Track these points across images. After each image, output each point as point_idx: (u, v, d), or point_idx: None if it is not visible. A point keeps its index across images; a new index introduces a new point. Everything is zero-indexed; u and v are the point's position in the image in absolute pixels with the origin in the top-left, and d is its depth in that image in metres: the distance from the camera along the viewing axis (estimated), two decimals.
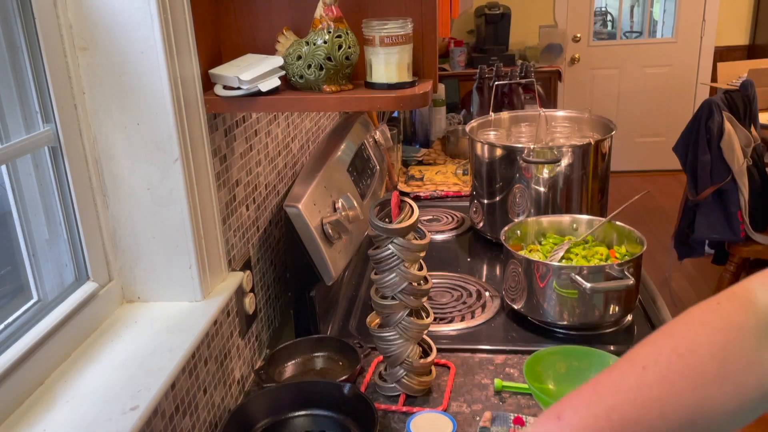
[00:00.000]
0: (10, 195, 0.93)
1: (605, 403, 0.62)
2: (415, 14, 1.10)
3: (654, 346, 0.64)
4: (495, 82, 2.43)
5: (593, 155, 1.74)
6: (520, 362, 1.31)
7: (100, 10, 0.94)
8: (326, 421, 1.14)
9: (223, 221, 1.18)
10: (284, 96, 1.07)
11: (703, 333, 0.63)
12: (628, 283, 1.33)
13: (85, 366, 0.93)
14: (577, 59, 5.29)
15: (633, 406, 0.61)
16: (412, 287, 1.16)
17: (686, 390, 0.61)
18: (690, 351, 0.62)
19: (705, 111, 3.20)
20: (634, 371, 0.63)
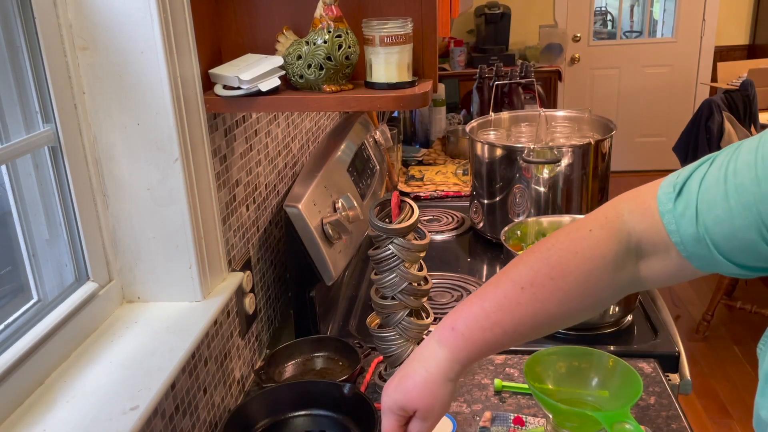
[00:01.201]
0: (10, 195, 0.93)
1: (490, 318, 0.78)
2: (415, 14, 1.10)
3: (531, 269, 0.77)
4: (495, 82, 2.43)
5: (593, 155, 1.74)
6: (520, 362, 1.31)
7: (100, 10, 0.94)
8: (326, 421, 1.14)
9: (223, 221, 1.18)
10: (284, 96, 1.07)
11: (573, 261, 0.75)
12: None
13: (85, 366, 0.93)
14: (577, 59, 5.29)
15: (512, 320, 0.78)
16: (412, 287, 1.16)
17: (554, 306, 0.77)
18: (561, 276, 0.75)
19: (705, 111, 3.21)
20: (514, 291, 0.77)
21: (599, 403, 1.01)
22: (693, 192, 0.69)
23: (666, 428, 1.12)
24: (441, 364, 0.80)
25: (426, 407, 0.81)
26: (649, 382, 1.23)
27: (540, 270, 0.77)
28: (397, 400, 0.81)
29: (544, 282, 0.76)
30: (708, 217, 0.67)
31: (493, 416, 1.15)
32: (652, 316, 1.46)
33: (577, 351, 1.05)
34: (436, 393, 0.80)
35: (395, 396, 0.82)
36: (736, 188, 0.65)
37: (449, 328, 0.80)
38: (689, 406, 2.81)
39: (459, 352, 0.79)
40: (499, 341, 0.80)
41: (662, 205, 0.71)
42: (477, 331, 0.79)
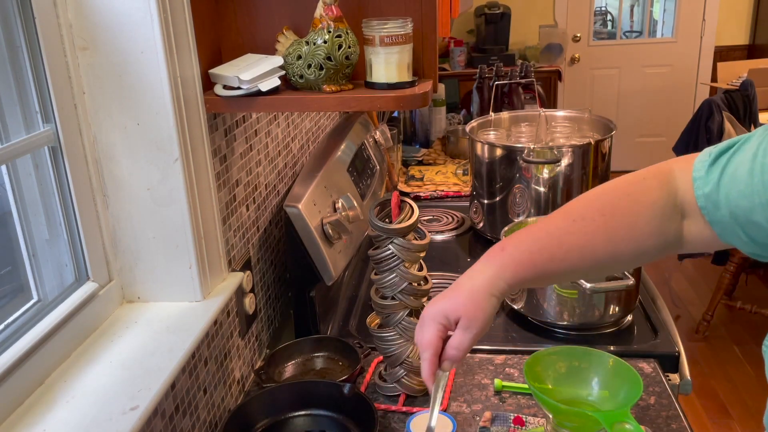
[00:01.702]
0: (10, 195, 0.93)
1: (539, 242, 0.82)
2: (415, 14, 1.10)
3: (584, 205, 0.82)
4: (495, 82, 2.43)
5: (593, 155, 1.74)
6: (520, 362, 1.31)
7: (100, 9, 0.94)
8: (326, 421, 1.14)
9: (223, 221, 1.18)
10: (284, 96, 1.07)
11: (625, 202, 0.80)
12: (628, 283, 1.33)
13: (85, 366, 0.93)
14: (577, 59, 5.29)
15: (560, 248, 0.81)
16: (412, 287, 1.16)
17: (601, 242, 0.80)
18: (610, 214, 0.80)
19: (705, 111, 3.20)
20: (566, 222, 0.82)
21: (599, 403, 1.01)
22: (723, 163, 0.74)
23: (666, 428, 1.12)
24: (487, 279, 0.83)
25: (469, 316, 0.82)
26: (649, 382, 1.23)
27: (592, 206, 0.82)
28: (441, 308, 0.83)
29: (594, 217, 0.80)
30: (732, 189, 0.72)
31: (493, 416, 1.15)
32: (652, 316, 1.46)
33: (577, 351, 1.05)
34: (480, 304, 0.82)
35: (440, 304, 0.84)
36: (762, 167, 0.68)
37: (499, 248, 0.85)
38: (689, 406, 2.81)
39: (505, 270, 0.83)
40: (545, 268, 0.83)
41: (696, 171, 0.77)
42: (525, 252, 0.83)
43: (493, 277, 0.83)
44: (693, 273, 4.01)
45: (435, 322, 0.83)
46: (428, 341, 0.83)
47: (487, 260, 0.85)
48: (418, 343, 0.86)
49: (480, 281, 0.83)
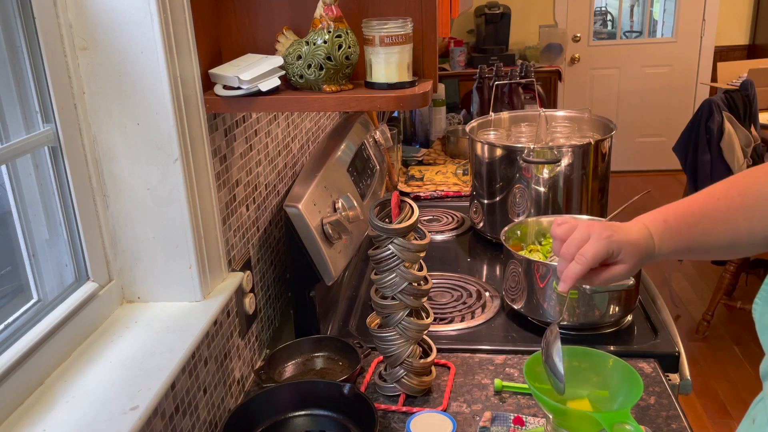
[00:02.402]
0: (10, 195, 0.93)
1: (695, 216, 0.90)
2: (415, 14, 1.10)
3: (727, 185, 0.91)
4: (495, 82, 2.43)
5: (593, 155, 1.74)
6: (520, 362, 1.31)
7: (100, 9, 0.94)
8: (326, 421, 1.14)
9: (223, 221, 1.18)
10: (284, 96, 1.07)
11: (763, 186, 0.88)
12: (628, 283, 1.33)
13: (85, 366, 0.93)
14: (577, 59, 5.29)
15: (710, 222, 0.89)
16: (412, 287, 1.16)
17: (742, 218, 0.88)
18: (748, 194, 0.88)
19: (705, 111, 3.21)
20: (711, 200, 0.90)
21: (599, 403, 1.01)
22: None
23: (666, 428, 1.12)
24: (651, 247, 0.90)
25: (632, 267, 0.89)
26: (649, 382, 1.23)
27: (733, 186, 0.90)
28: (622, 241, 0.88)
29: (734, 196, 0.89)
30: None
31: (493, 416, 1.15)
32: (652, 316, 1.46)
33: (577, 351, 1.05)
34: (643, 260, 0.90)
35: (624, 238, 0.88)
36: None
37: (662, 220, 0.91)
38: (689, 406, 2.81)
39: (664, 243, 0.90)
40: (696, 242, 0.91)
41: None
42: (683, 226, 0.90)
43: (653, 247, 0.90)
44: (693, 273, 4.01)
45: (612, 246, 0.87)
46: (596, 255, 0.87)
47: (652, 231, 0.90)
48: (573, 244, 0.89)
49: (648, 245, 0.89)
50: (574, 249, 0.89)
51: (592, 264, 0.87)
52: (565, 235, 0.91)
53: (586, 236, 0.89)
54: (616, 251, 0.88)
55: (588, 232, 0.89)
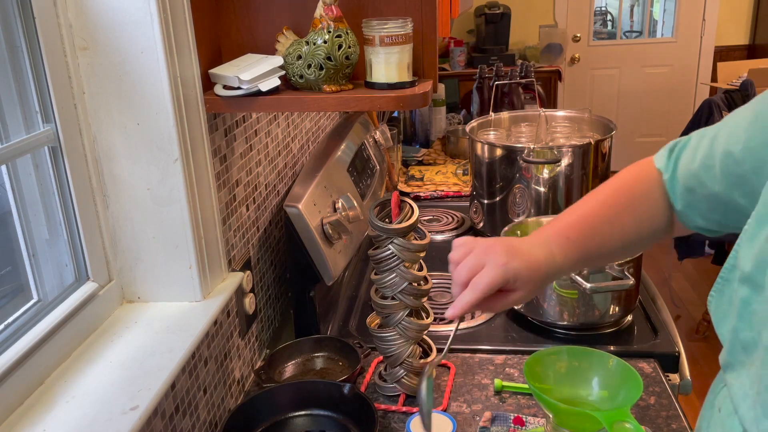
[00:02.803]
0: (10, 195, 0.93)
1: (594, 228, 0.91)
2: (415, 14, 1.10)
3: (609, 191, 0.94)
4: (495, 82, 2.43)
5: (593, 155, 1.74)
6: (520, 362, 1.31)
7: (100, 9, 0.94)
8: (326, 421, 1.14)
9: (223, 221, 1.18)
10: (284, 96, 1.07)
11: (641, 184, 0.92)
12: (628, 283, 1.33)
13: (85, 366, 0.93)
14: (577, 59, 5.29)
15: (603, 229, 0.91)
16: (412, 287, 1.16)
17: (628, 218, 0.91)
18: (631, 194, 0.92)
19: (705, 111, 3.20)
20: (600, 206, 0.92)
21: (599, 403, 1.01)
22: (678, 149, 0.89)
23: (666, 428, 1.12)
24: (554, 265, 0.88)
25: (529, 293, 0.87)
26: (649, 382, 1.23)
27: (617, 190, 0.93)
28: (518, 269, 0.84)
29: (620, 200, 0.92)
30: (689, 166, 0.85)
31: (493, 416, 1.15)
32: (652, 316, 1.46)
33: (577, 351, 1.05)
34: (539, 289, 0.89)
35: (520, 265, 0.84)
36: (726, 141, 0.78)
37: (564, 237, 0.90)
38: (689, 406, 2.81)
39: (568, 259, 0.89)
40: (595, 251, 0.91)
41: (657, 161, 0.91)
42: (583, 238, 0.90)
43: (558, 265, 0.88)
44: (693, 273, 4.01)
45: (507, 273, 0.83)
46: (491, 284, 0.83)
47: (555, 247, 0.89)
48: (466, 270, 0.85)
49: (551, 265, 0.87)
50: (466, 275, 0.84)
51: (486, 293, 0.83)
52: (459, 259, 0.86)
53: (481, 263, 0.84)
54: (512, 279, 0.83)
55: (484, 257, 0.84)
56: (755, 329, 0.68)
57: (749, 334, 0.68)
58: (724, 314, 0.74)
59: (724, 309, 0.74)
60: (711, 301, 0.78)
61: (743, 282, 0.70)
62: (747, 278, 0.69)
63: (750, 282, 0.69)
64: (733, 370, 0.72)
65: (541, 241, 0.89)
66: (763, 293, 0.67)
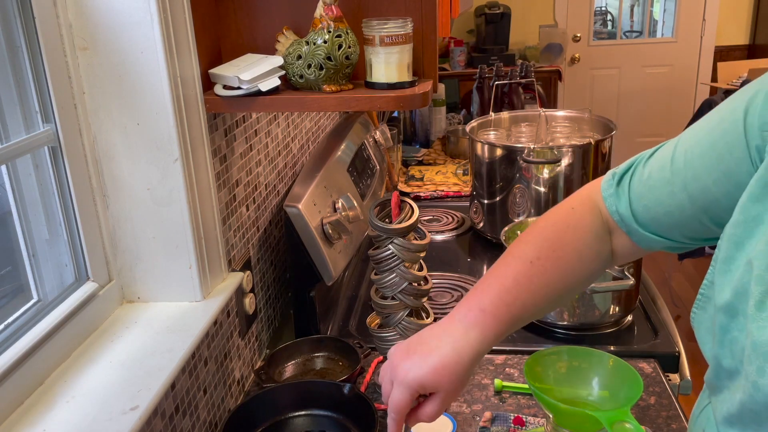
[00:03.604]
0: (10, 195, 0.93)
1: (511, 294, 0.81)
2: (415, 14, 1.10)
3: (534, 246, 0.84)
4: (495, 82, 2.43)
5: (593, 155, 1.74)
6: (520, 362, 1.31)
7: (100, 9, 0.94)
8: (326, 421, 1.14)
9: (223, 221, 1.18)
10: (284, 96, 1.07)
11: (567, 234, 0.84)
12: (628, 283, 1.33)
13: (85, 366, 0.93)
14: (577, 59, 5.29)
15: (528, 293, 0.82)
16: (412, 287, 1.16)
17: (558, 276, 0.83)
18: (560, 248, 0.83)
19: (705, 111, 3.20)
20: (524, 266, 0.83)
21: (599, 403, 1.01)
22: (629, 178, 0.82)
23: (666, 428, 1.12)
24: (474, 347, 0.80)
25: (452, 389, 0.80)
26: (649, 382, 1.23)
27: (542, 245, 0.84)
28: (420, 378, 0.79)
29: (548, 255, 0.83)
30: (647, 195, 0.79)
31: (493, 416, 1.15)
32: (652, 316, 1.46)
33: (577, 351, 1.05)
34: (463, 376, 0.80)
35: (420, 373, 0.79)
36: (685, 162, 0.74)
37: (477, 309, 0.81)
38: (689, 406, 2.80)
39: (489, 331, 0.81)
40: (520, 317, 0.83)
41: (604, 191, 0.84)
42: (503, 307, 0.81)
43: (477, 342, 0.80)
44: (693, 273, 4.01)
45: (411, 389, 0.80)
46: (400, 406, 0.81)
47: (468, 324, 0.81)
48: (387, 401, 0.83)
49: (467, 350, 0.80)
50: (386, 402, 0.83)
51: (402, 415, 0.81)
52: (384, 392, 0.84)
53: (389, 385, 0.82)
54: (422, 390, 0.80)
55: (391, 377, 0.82)
56: (736, 358, 0.64)
57: (731, 362, 0.65)
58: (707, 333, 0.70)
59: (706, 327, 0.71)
60: (693, 317, 0.74)
61: (720, 310, 0.65)
62: (725, 307, 0.65)
63: (729, 310, 0.64)
64: (719, 392, 0.68)
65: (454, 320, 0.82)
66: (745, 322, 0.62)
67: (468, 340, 0.80)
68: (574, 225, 0.84)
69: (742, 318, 0.63)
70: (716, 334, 0.66)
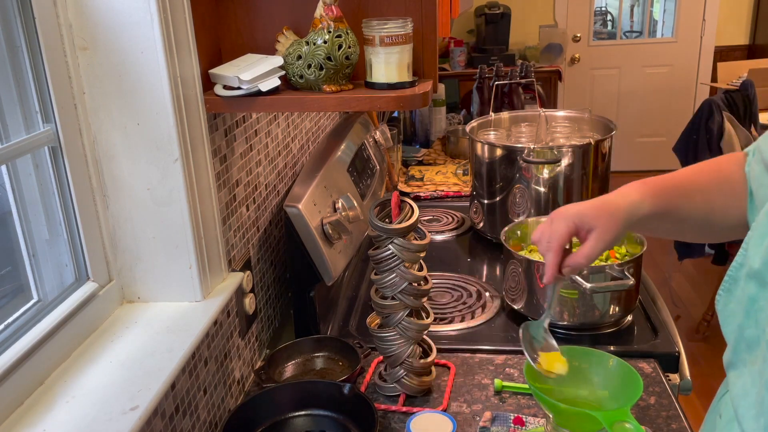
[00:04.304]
0: (10, 195, 0.93)
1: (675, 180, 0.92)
2: (415, 14, 1.10)
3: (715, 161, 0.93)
4: (495, 82, 2.43)
5: (593, 155, 1.74)
6: (520, 362, 1.31)
7: (100, 9, 0.94)
8: (326, 421, 1.14)
9: (223, 221, 1.18)
10: (284, 96, 1.07)
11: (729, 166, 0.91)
12: (629, 283, 1.33)
13: (85, 366, 0.93)
14: (577, 59, 5.29)
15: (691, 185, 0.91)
16: (412, 287, 1.16)
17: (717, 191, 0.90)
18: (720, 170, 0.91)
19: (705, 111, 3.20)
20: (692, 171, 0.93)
21: (599, 403, 1.01)
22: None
23: (666, 428, 1.12)
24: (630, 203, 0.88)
25: (607, 228, 0.87)
26: (649, 382, 1.23)
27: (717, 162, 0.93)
28: (580, 211, 0.87)
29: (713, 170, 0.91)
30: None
31: (493, 416, 1.15)
32: (652, 316, 1.46)
33: (577, 351, 1.05)
34: (619, 222, 0.88)
35: (579, 207, 0.88)
36: None
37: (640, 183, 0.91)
38: (689, 406, 2.81)
39: (646, 198, 0.89)
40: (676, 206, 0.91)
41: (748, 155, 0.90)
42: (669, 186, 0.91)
43: (636, 201, 0.89)
44: (693, 273, 4.01)
45: (569, 221, 0.87)
46: (560, 236, 0.88)
47: (629, 189, 0.90)
48: (543, 237, 0.90)
49: (625, 201, 0.88)
50: (544, 244, 0.90)
51: (560, 244, 0.88)
52: (537, 237, 0.93)
53: (550, 225, 0.91)
54: (579, 223, 0.88)
55: (552, 218, 0.91)
56: (760, 326, 0.67)
57: (754, 332, 0.68)
58: (732, 313, 0.74)
59: (731, 308, 0.74)
60: (719, 299, 0.77)
61: (751, 278, 0.70)
62: (755, 275, 0.69)
63: (758, 279, 0.68)
64: (735, 368, 0.72)
65: (624, 190, 0.91)
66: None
67: (628, 198, 0.89)
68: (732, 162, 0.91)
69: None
70: (744, 305, 0.70)
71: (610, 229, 0.87)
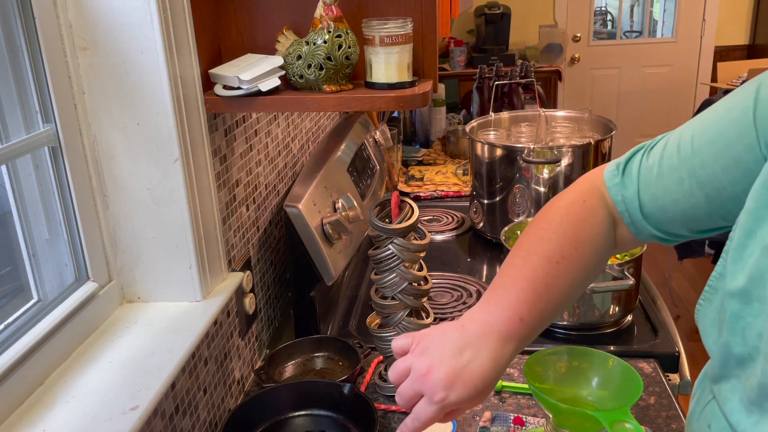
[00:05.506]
0: (10, 195, 0.93)
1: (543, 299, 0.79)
2: (415, 14, 1.10)
3: (557, 243, 0.81)
4: (495, 82, 2.43)
5: (593, 155, 1.74)
6: (520, 362, 1.31)
7: (100, 9, 0.94)
8: (326, 421, 1.14)
9: (223, 221, 1.18)
10: (284, 96, 1.07)
11: (587, 231, 0.82)
12: (628, 283, 1.33)
13: (85, 366, 0.93)
14: (577, 59, 5.29)
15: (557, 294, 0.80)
16: (412, 287, 1.16)
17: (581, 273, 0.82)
18: (581, 246, 0.82)
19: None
20: (551, 266, 0.80)
21: (599, 403, 1.01)
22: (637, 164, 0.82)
23: (666, 428, 1.12)
24: (508, 359, 0.78)
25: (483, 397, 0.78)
26: (649, 382, 1.23)
27: (564, 243, 0.81)
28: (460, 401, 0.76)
29: (571, 253, 0.81)
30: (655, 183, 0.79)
31: (493, 416, 1.15)
32: (652, 316, 1.46)
33: (577, 351, 1.05)
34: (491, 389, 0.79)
35: (462, 397, 0.75)
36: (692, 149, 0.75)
37: (517, 319, 0.78)
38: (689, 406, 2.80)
39: (523, 341, 0.79)
40: (548, 320, 0.82)
41: (608, 180, 0.84)
42: (537, 315, 0.79)
43: (512, 355, 0.79)
44: (693, 273, 4.01)
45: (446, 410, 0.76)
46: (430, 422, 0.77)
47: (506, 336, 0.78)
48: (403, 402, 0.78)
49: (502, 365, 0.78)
50: (406, 403, 0.78)
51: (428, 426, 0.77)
52: (397, 380, 0.79)
53: (419, 392, 0.76)
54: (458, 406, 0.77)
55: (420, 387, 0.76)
56: (749, 344, 0.64)
57: (743, 349, 0.65)
58: (712, 324, 0.71)
59: (711, 319, 0.71)
60: (699, 310, 0.74)
61: (733, 296, 0.66)
62: (738, 293, 0.65)
63: (743, 296, 0.65)
64: (726, 382, 0.69)
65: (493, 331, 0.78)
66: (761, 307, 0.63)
67: (505, 353, 0.78)
68: (591, 220, 0.83)
69: (758, 303, 0.63)
70: (727, 322, 0.67)
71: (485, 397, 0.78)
